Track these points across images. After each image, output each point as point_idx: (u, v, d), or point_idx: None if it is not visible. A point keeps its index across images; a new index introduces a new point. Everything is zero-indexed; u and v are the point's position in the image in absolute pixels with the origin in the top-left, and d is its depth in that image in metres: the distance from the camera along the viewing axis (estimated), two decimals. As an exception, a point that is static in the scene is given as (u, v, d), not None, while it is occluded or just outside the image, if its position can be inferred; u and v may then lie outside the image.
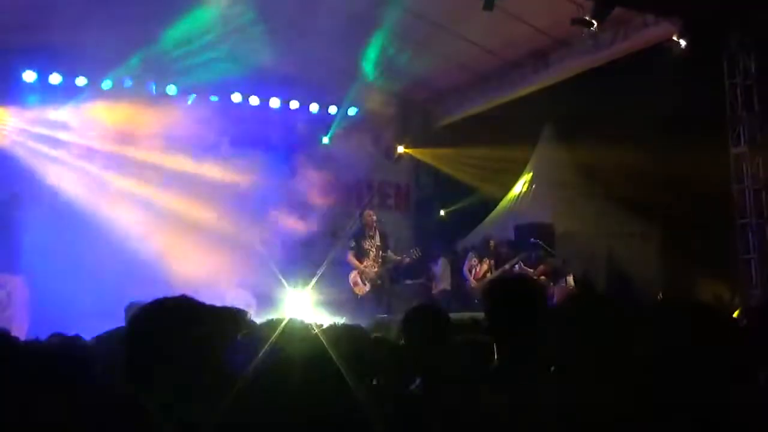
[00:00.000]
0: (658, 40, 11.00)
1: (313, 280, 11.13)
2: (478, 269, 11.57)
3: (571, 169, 14.46)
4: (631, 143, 11.46)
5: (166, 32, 10.72)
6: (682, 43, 10.34)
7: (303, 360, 2.77)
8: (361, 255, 10.52)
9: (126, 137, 11.88)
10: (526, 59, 13.36)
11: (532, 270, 11.59)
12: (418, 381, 3.09)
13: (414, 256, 11.05)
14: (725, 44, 10.79)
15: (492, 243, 11.81)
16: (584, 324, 2.35)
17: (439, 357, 3.12)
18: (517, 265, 11.67)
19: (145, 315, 1.76)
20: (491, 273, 11.45)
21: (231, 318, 1.80)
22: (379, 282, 10.54)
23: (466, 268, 11.82)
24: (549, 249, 11.73)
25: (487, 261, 11.59)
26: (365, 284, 10.47)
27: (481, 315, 3.25)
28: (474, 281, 11.46)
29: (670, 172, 11.50)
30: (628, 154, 11.65)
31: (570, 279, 11.41)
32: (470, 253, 12.00)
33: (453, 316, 3.70)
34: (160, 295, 1.90)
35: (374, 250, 10.58)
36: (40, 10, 10.09)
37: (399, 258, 10.83)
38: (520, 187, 15.00)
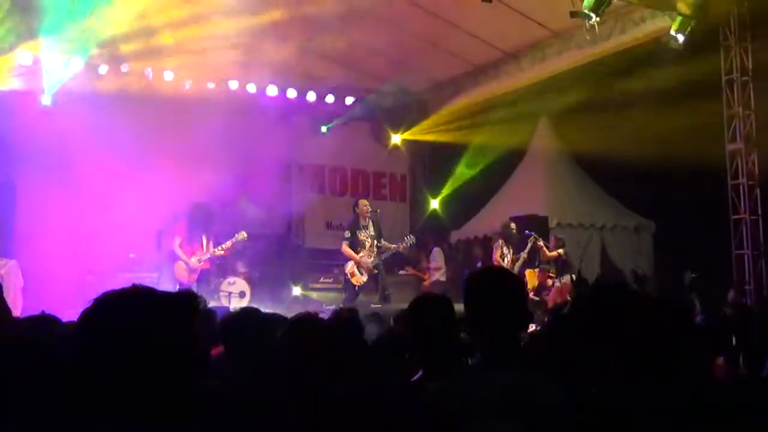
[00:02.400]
0: (656, 34, 11.00)
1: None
2: (509, 257, 11.46)
3: (566, 161, 14.48)
4: (626, 137, 11.46)
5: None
6: (680, 37, 10.34)
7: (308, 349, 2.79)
8: (356, 246, 10.51)
9: (126, 120, 11.81)
10: (523, 51, 13.36)
11: (555, 254, 11.66)
12: (420, 372, 3.08)
13: (408, 244, 11.03)
14: (722, 39, 10.81)
15: (514, 226, 11.68)
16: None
17: (444, 349, 3.09)
18: (540, 243, 11.68)
19: (93, 314, 1.64)
20: (516, 259, 11.38)
21: (182, 304, 1.67)
22: (375, 272, 10.55)
23: (496, 257, 11.65)
24: (544, 241, 11.75)
25: (512, 248, 11.52)
26: (362, 274, 10.47)
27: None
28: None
29: (665, 166, 11.52)
30: (623, 147, 11.66)
31: (568, 277, 11.44)
32: (499, 242, 11.84)
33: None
34: (156, 282, 1.85)
35: (369, 240, 10.56)
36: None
37: (394, 246, 10.83)
38: (515, 178, 15.01)
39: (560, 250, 11.75)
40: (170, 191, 10.68)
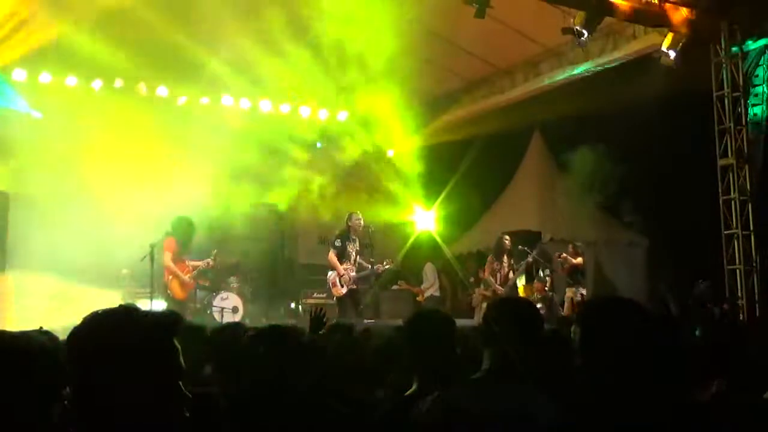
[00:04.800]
0: (648, 50, 11.08)
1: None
2: (502, 272, 11.43)
3: (559, 176, 14.52)
4: (619, 152, 11.52)
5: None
6: (671, 54, 10.42)
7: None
8: (342, 256, 10.56)
9: (117, 137, 11.79)
10: (516, 67, 13.42)
11: (580, 260, 11.72)
12: (414, 386, 3.07)
13: (385, 266, 10.99)
14: (713, 55, 10.89)
15: (507, 240, 11.64)
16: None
17: (441, 364, 3.08)
18: (563, 254, 11.74)
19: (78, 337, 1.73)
20: (513, 272, 11.36)
21: (161, 324, 1.81)
22: (354, 286, 10.56)
23: (488, 274, 11.61)
24: (537, 257, 11.75)
25: (507, 260, 11.48)
26: (342, 286, 10.49)
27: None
28: (499, 286, 11.25)
29: (658, 181, 11.57)
30: (615, 162, 11.71)
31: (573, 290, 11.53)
32: (489, 257, 11.83)
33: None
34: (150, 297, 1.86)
35: (354, 253, 10.64)
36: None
37: (372, 267, 10.76)
38: (508, 193, 15.05)
39: (580, 258, 11.83)
40: (162, 205, 10.66)
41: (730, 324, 5.40)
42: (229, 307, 11.25)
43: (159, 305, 9.50)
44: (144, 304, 8.73)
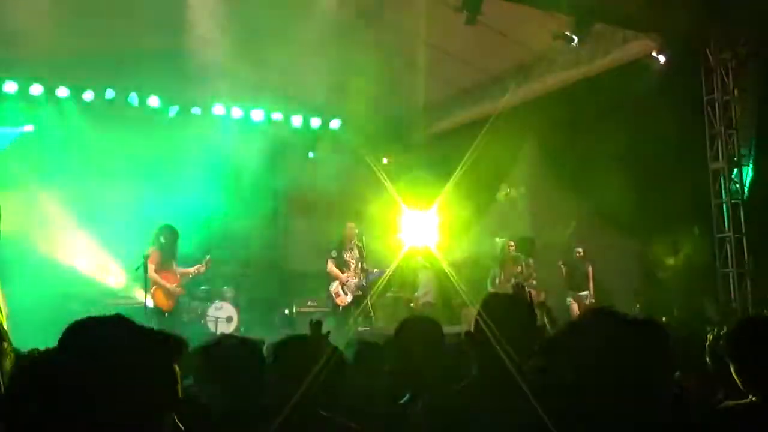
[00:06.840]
0: (638, 55, 11.12)
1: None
2: (501, 278, 11.48)
3: (552, 181, 14.53)
4: (611, 157, 11.54)
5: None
6: (661, 58, 10.45)
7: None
8: (341, 266, 10.58)
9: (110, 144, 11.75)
10: (507, 73, 13.44)
11: (590, 268, 11.78)
12: (407, 396, 3.06)
13: (389, 271, 11.09)
14: (703, 60, 10.93)
15: (510, 245, 11.67)
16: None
17: (432, 372, 3.07)
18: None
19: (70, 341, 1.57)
20: (516, 278, 11.36)
21: (165, 346, 1.65)
22: (360, 293, 10.59)
23: (489, 280, 11.68)
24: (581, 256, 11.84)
25: (511, 266, 11.51)
26: (347, 294, 10.50)
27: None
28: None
29: (650, 185, 11.59)
30: (608, 167, 11.72)
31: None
32: (498, 264, 11.89)
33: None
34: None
35: (354, 261, 10.67)
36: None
37: (377, 271, 10.87)
38: (501, 199, 15.04)
39: (590, 267, 11.92)
40: (155, 214, 10.64)
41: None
42: (223, 316, 11.23)
43: (150, 315, 9.45)
44: (137, 314, 8.68)
